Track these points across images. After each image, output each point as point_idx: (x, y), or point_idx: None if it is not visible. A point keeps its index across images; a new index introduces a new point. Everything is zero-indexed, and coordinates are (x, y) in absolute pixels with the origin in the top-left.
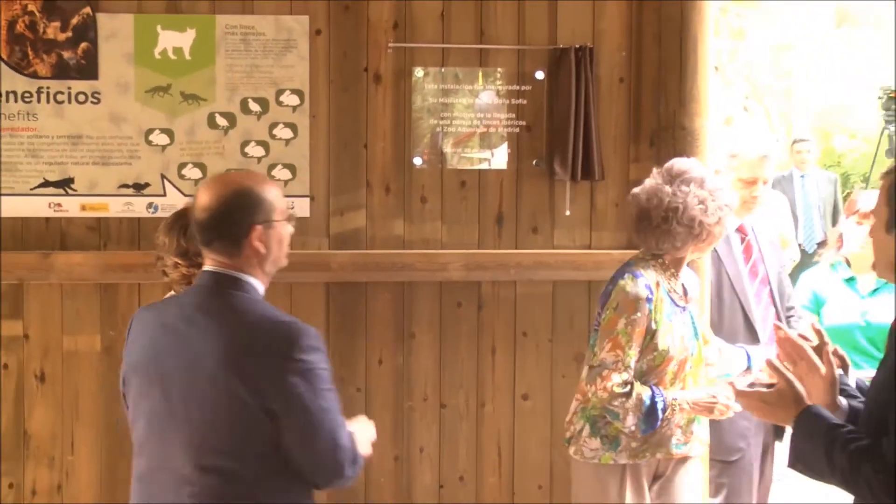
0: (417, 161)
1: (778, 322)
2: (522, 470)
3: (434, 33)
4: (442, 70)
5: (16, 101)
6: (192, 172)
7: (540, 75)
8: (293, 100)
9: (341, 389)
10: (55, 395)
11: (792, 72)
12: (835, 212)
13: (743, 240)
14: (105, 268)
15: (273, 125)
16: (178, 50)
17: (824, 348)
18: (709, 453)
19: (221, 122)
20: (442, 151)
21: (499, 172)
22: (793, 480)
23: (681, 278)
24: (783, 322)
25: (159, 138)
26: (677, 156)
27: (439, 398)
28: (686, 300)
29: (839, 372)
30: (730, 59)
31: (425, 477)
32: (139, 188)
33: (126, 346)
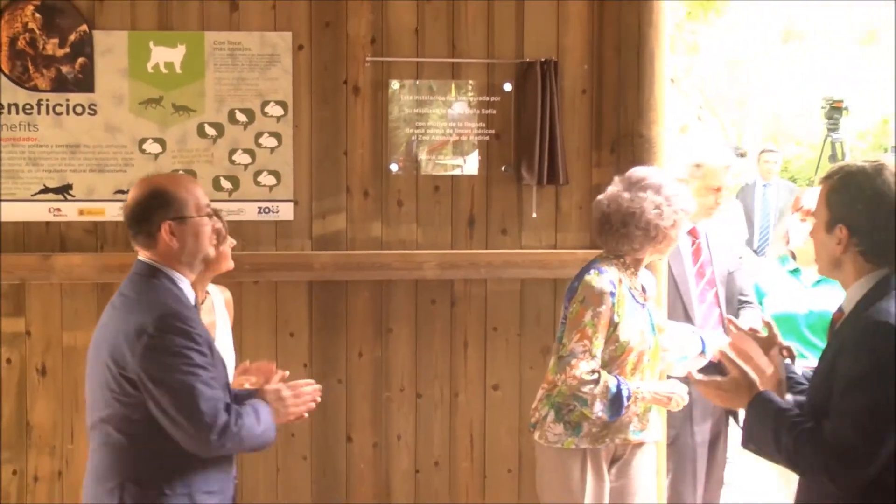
0: (394, 167)
1: (731, 317)
2: (493, 455)
3: (409, 48)
4: (416, 82)
5: (17, 113)
6: None
7: (508, 87)
8: (277, 110)
9: (324, 381)
10: (55, 388)
11: (743, 84)
12: None
13: (693, 242)
14: (102, 268)
15: (259, 134)
16: (170, 64)
17: (774, 340)
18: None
19: (210, 132)
20: (417, 158)
21: (470, 178)
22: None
23: (640, 277)
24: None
25: (152, 147)
26: (636, 162)
27: (415, 389)
28: (644, 297)
29: (787, 362)
30: (685, 73)
31: (403, 462)
32: None
33: None
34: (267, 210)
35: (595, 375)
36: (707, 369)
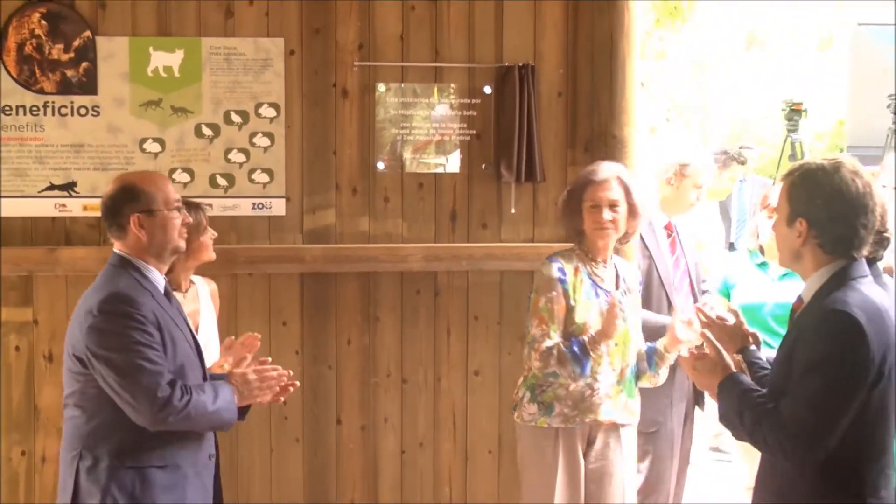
0: (380, 166)
1: (699, 306)
2: (474, 437)
3: (394, 53)
4: (402, 86)
5: (25, 114)
6: (182, 177)
7: (488, 90)
8: (270, 112)
9: (314, 367)
10: (61, 374)
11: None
12: None
13: (669, 235)
14: (104, 261)
15: (253, 134)
16: (168, 68)
17: (739, 328)
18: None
19: (207, 132)
20: (402, 157)
21: (452, 175)
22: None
23: (610, 266)
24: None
25: (152, 146)
26: (609, 160)
27: (401, 374)
28: (616, 285)
29: (752, 347)
30: (654, 77)
31: (389, 443)
32: None
33: None
34: (261, 206)
35: (553, 349)
36: None
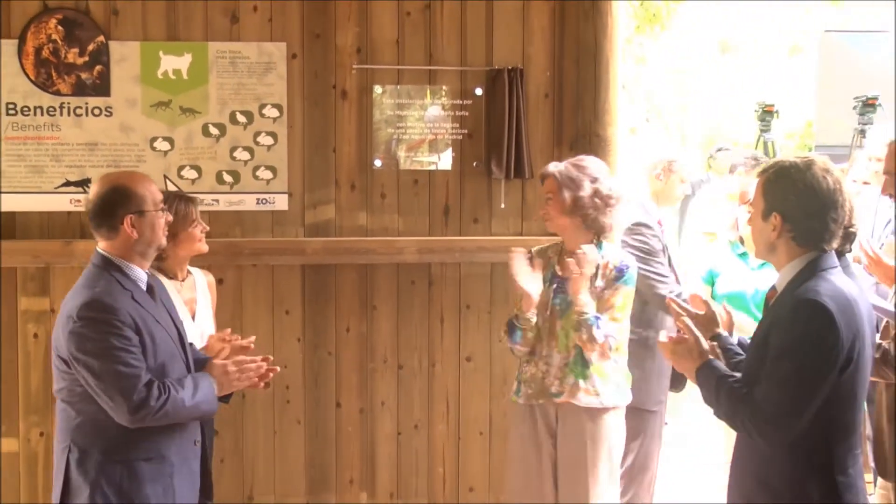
0: (377, 163)
1: (672, 296)
2: (466, 419)
3: (391, 57)
4: (397, 87)
5: (42, 115)
6: (190, 173)
7: (479, 92)
8: (273, 112)
9: (315, 353)
10: None
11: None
12: None
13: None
14: None
15: (257, 133)
16: (177, 71)
17: (713, 319)
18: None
19: (214, 131)
20: (397, 155)
21: (445, 172)
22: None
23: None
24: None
25: (162, 145)
26: (593, 158)
27: (397, 360)
28: (570, 271)
29: (724, 333)
30: (634, 81)
31: (386, 425)
32: None
33: None
34: (264, 201)
35: (506, 324)
36: None
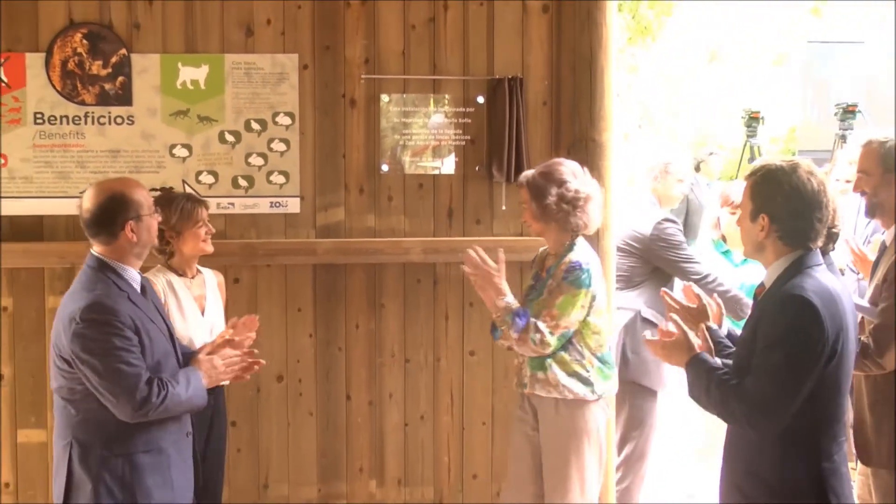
0: (384, 168)
1: (665, 290)
2: (470, 410)
3: (397, 67)
4: (403, 96)
5: (68, 124)
6: (207, 178)
7: (481, 100)
8: (286, 120)
9: (326, 348)
10: None
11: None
12: None
13: None
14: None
15: (270, 140)
16: (195, 82)
17: (704, 312)
18: (646, 383)
19: (229, 138)
20: (403, 160)
21: (448, 176)
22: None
23: (561, 255)
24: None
25: (181, 152)
26: (590, 163)
27: (404, 355)
28: (544, 272)
29: (713, 326)
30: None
31: (393, 417)
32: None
33: None
34: (277, 204)
35: None
36: None
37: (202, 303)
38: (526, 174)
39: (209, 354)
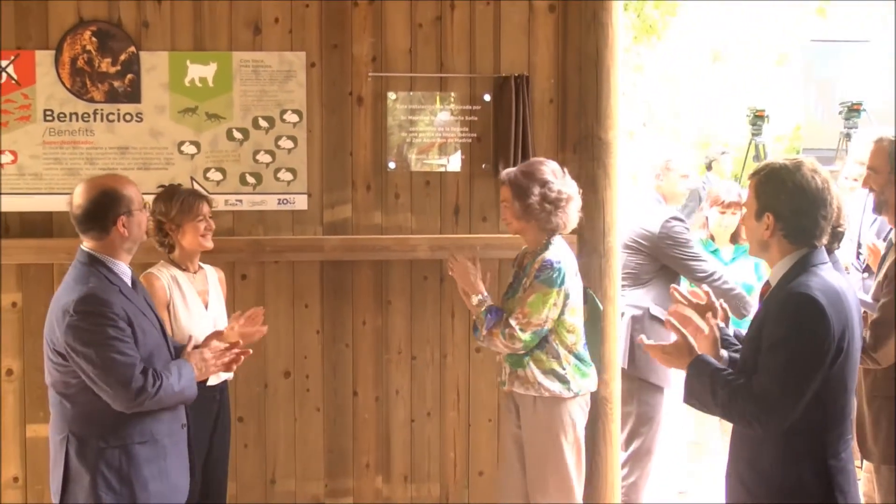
0: (391, 165)
1: (675, 286)
2: (476, 407)
3: (404, 65)
4: (410, 94)
5: (77, 121)
6: (215, 175)
7: (487, 98)
8: (294, 118)
9: (333, 345)
10: None
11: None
12: None
13: None
14: (149, 251)
15: (278, 137)
16: (203, 79)
17: (711, 306)
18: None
19: (237, 136)
20: (410, 158)
21: (455, 174)
22: None
23: (543, 253)
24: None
25: (189, 149)
26: (595, 160)
27: (410, 351)
28: (531, 271)
29: (721, 325)
30: (632, 87)
31: (400, 413)
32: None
33: None
34: (285, 201)
35: None
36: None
37: (205, 298)
38: (508, 172)
39: (196, 348)
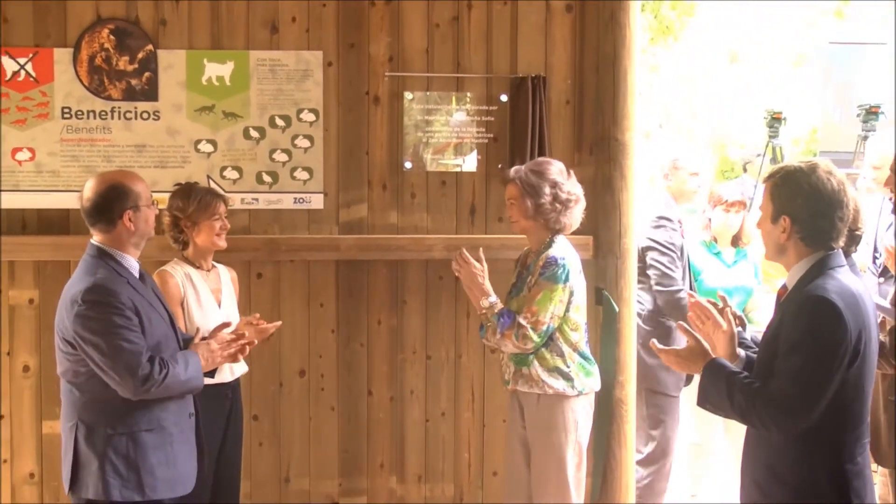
0: (407, 165)
1: (690, 291)
2: (490, 407)
3: (420, 65)
4: (427, 94)
5: (94, 118)
6: (231, 174)
7: (504, 98)
8: (310, 117)
9: (348, 345)
10: None
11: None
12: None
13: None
14: (163, 247)
15: (294, 136)
16: (220, 78)
17: (726, 309)
18: (657, 388)
19: (254, 134)
20: (426, 158)
21: (471, 174)
22: None
23: (546, 251)
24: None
25: (205, 147)
26: (612, 161)
27: (425, 351)
28: (536, 269)
29: (738, 329)
30: (649, 88)
31: (415, 413)
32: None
33: None
34: (301, 200)
35: None
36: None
37: (218, 296)
38: (517, 170)
39: (204, 340)
